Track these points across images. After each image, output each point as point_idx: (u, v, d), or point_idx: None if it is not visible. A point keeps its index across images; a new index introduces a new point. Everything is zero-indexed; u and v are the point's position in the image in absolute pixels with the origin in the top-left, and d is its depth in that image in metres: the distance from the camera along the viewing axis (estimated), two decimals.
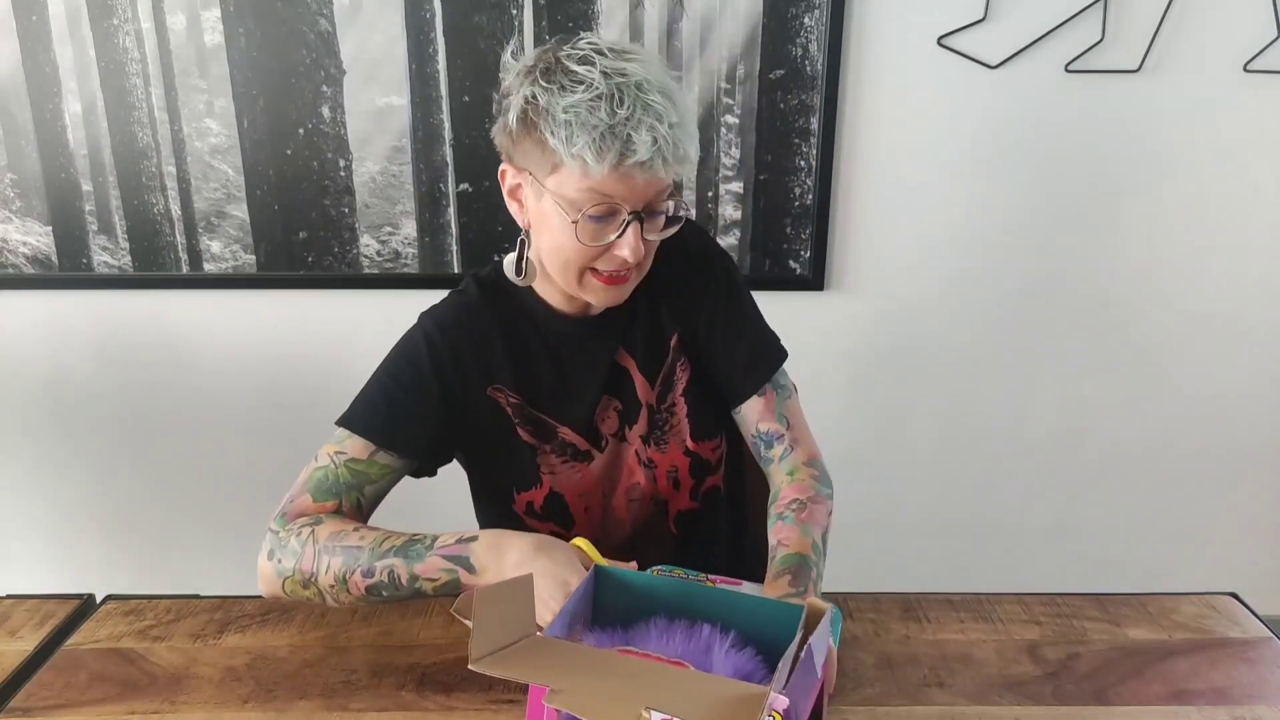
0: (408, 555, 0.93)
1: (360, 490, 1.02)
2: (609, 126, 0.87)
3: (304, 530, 0.97)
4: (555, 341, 1.08)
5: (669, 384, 1.10)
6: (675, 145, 0.89)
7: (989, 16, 1.70)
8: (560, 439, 1.09)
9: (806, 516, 1.02)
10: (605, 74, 0.88)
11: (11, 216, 1.77)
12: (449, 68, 1.70)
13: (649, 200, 0.93)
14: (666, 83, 0.91)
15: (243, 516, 2.02)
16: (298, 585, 0.95)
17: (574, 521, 1.12)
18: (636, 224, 0.92)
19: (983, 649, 1.01)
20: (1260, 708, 0.92)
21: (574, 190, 0.91)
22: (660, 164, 0.88)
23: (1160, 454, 2.02)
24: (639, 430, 1.11)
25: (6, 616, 1.07)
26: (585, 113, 0.87)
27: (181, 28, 1.67)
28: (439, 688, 0.94)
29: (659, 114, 0.88)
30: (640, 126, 0.87)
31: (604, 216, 0.92)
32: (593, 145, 0.87)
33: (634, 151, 0.87)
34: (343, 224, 1.79)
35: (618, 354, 1.09)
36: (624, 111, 0.87)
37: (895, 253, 1.85)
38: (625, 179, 0.89)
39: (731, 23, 1.69)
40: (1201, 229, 1.85)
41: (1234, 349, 1.94)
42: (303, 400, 1.92)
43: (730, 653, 0.77)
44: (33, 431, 1.95)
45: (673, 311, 1.10)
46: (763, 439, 1.11)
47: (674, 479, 1.13)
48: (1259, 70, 1.73)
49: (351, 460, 1.02)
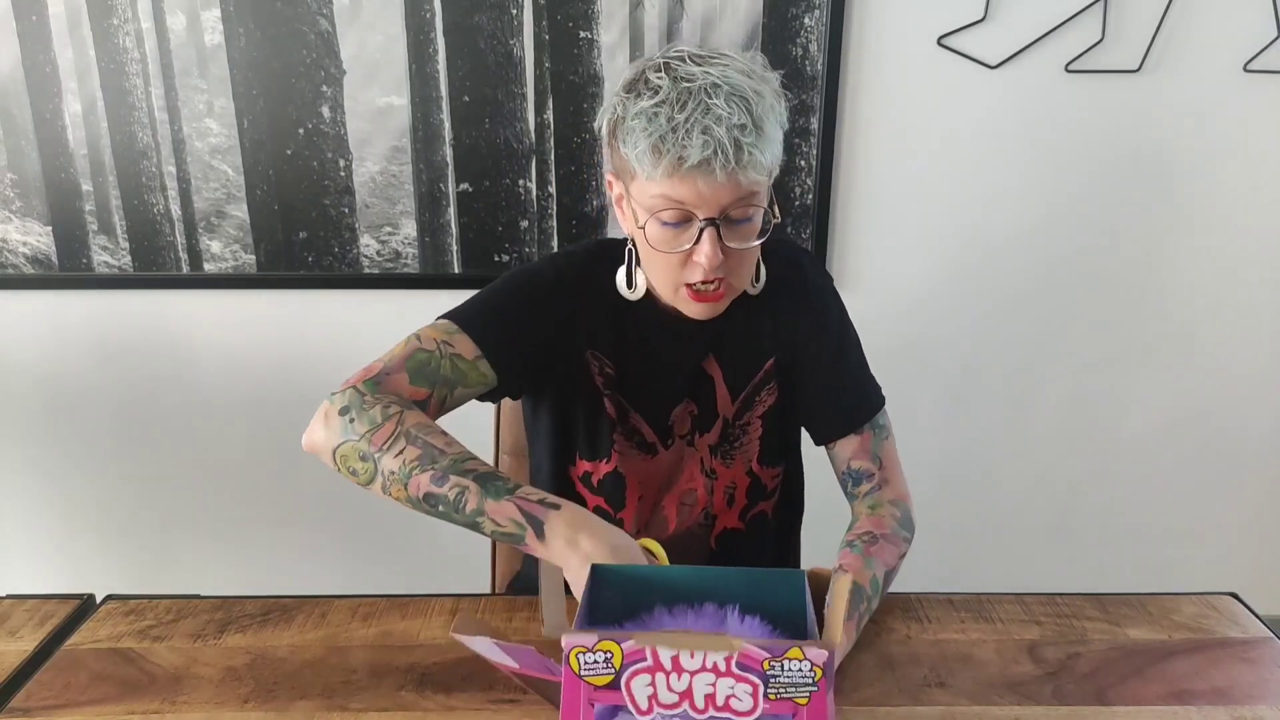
0: (485, 486, 0.89)
1: (451, 389, 0.98)
2: (667, 130, 0.88)
3: (392, 406, 0.92)
4: (651, 332, 1.08)
5: (750, 403, 1.11)
6: (738, 149, 0.87)
7: (989, 16, 1.70)
8: (631, 424, 1.09)
9: (875, 550, 1.03)
10: (675, 79, 0.89)
11: (11, 216, 1.77)
12: (449, 68, 1.70)
13: (724, 207, 0.91)
14: (743, 87, 0.89)
15: (243, 516, 2.03)
16: (354, 455, 0.91)
17: (624, 506, 1.11)
18: (712, 230, 0.92)
19: (983, 649, 1.01)
20: (1260, 708, 0.92)
21: (648, 196, 0.92)
22: (719, 167, 0.87)
23: (1160, 454, 2.02)
24: (709, 439, 1.11)
25: (6, 616, 1.07)
26: (647, 119, 0.89)
27: (181, 28, 1.67)
28: (439, 688, 0.94)
29: (720, 117, 0.87)
30: (694, 129, 0.87)
31: (678, 223, 0.93)
32: (650, 150, 0.88)
33: (687, 155, 0.87)
34: (343, 224, 1.79)
35: (706, 360, 1.09)
36: (682, 115, 0.87)
37: (895, 252, 1.85)
38: (688, 184, 0.89)
39: (731, 23, 1.69)
40: (1201, 229, 1.85)
41: (1234, 349, 1.94)
42: (303, 400, 1.91)
43: (745, 621, 0.79)
44: (33, 431, 1.95)
45: (778, 336, 1.10)
46: (852, 476, 1.12)
47: (730, 495, 1.13)
48: (1259, 70, 1.73)
49: (458, 356, 0.98)
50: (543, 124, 1.74)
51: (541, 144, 1.75)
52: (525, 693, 0.92)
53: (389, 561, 2.05)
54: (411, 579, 2.00)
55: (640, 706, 0.68)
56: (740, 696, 0.67)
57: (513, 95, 1.72)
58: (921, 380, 1.94)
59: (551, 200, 1.78)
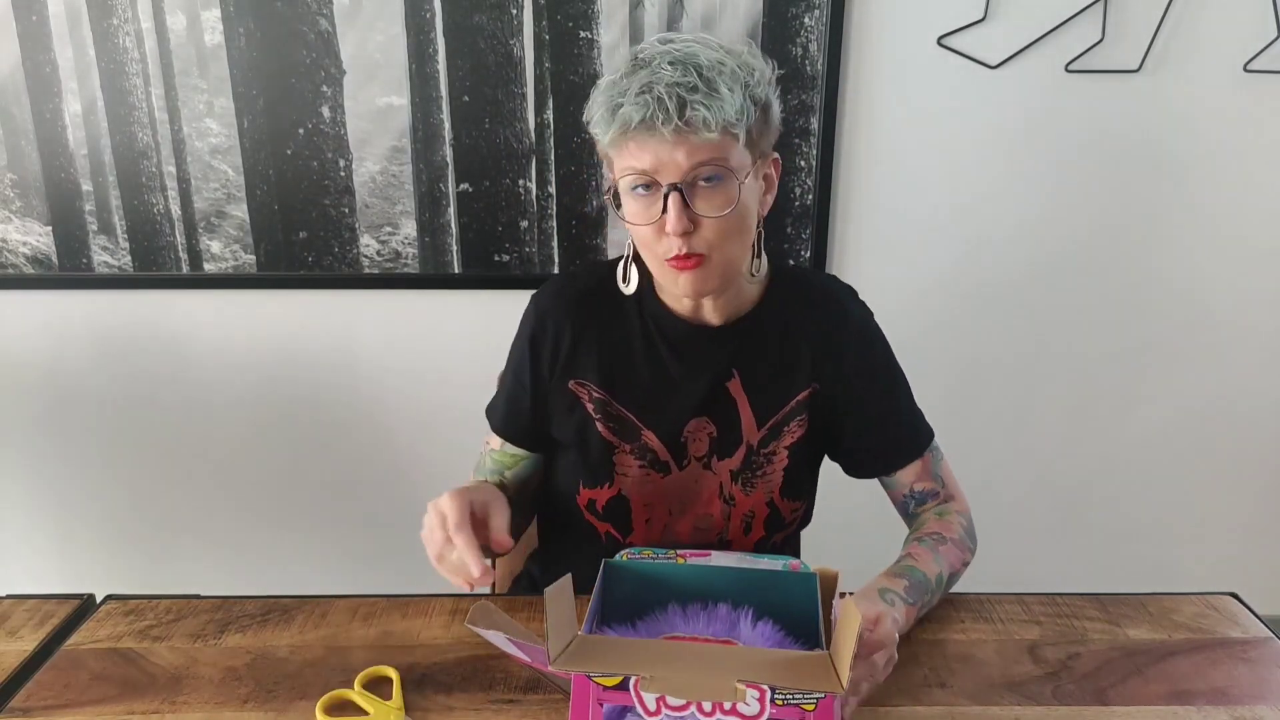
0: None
1: (501, 474, 1.14)
2: (615, 96, 0.89)
3: None
4: (660, 344, 1.07)
5: (777, 432, 1.09)
6: (680, 104, 0.87)
7: (989, 16, 1.70)
8: (643, 441, 1.08)
9: (945, 550, 1.05)
10: (636, 56, 0.91)
11: (11, 216, 1.77)
12: (449, 68, 1.70)
13: (684, 170, 0.91)
14: (695, 53, 0.90)
15: (243, 516, 2.03)
16: None
17: (632, 529, 1.11)
18: (676, 196, 0.91)
19: (983, 649, 1.01)
20: (1260, 708, 0.92)
21: (618, 170, 0.94)
22: (660, 123, 0.87)
23: (1160, 454, 2.02)
24: (730, 464, 1.09)
25: (6, 616, 1.07)
26: (603, 92, 0.91)
27: (181, 28, 1.67)
28: (439, 688, 0.94)
29: (661, 78, 0.88)
30: (632, 91, 0.88)
31: (646, 189, 0.93)
32: (603, 120, 0.91)
33: (631, 116, 0.88)
34: (343, 224, 1.79)
35: (730, 382, 1.08)
36: (627, 82, 0.89)
37: (895, 252, 1.85)
38: (644, 148, 0.90)
39: (731, 23, 1.69)
40: (1201, 229, 1.85)
41: (1233, 349, 1.94)
42: (303, 400, 1.93)
43: (758, 627, 0.79)
44: (33, 431, 1.95)
45: (818, 369, 1.09)
46: (916, 497, 1.13)
47: (748, 524, 1.11)
48: (1259, 70, 1.73)
49: (493, 451, 1.15)
50: (543, 124, 1.74)
51: (541, 144, 1.75)
52: (525, 693, 0.92)
53: (389, 561, 2.04)
54: (411, 579, 2.00)
55: (649, 708, 0.69)
56: (748, 701, 0.67)
57: (513, 95, 1.72)
58: (921, 380, 1.91)
59: (551, 200, 1.78)
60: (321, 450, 1.97)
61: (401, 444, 1.95)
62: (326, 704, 0.91)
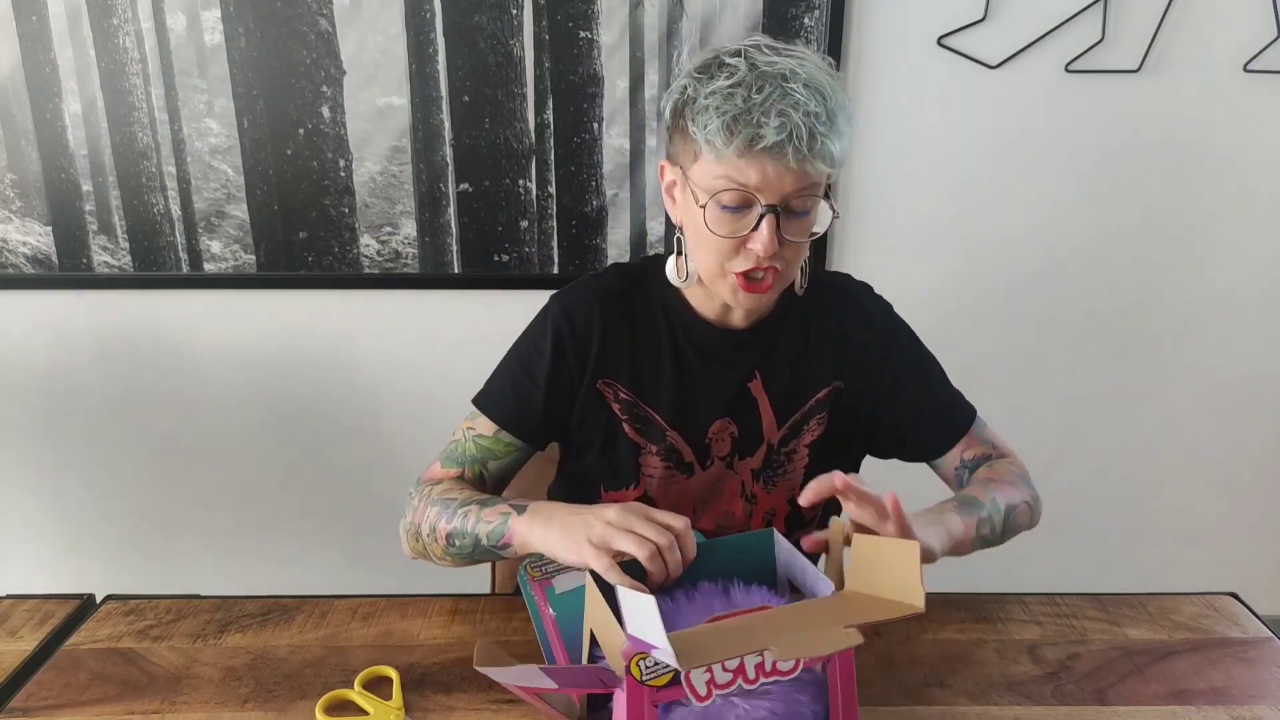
0: (483, 504, 0.99)
1: (484, 464, 1.09)
2: (743, 110, 0.88)
3: (426, 489, 1.06)
4: (686, 347, 1.07)
5: (797, 430, 1.10)
6: (811, 136, 0.87)
7: (989, 16, 1.70)
8: (669, 443, 1.08)
9: (996, 486, 1.06)
10: (752, 65, 0.89)
11: (11, 216, 1.77)
12: (449, 68, 1.70)
13: (786, 195, 0.91)
14: (820, 79, 0.90)
15: (243, 516, 2.03)
16: (413, 538, 1.05)
17: None
18: (772, 218, 0.91)
19: (983, 649, 1.01)
20: (1260, 708, 0.92)
21: (711, 177, 0.92)
22: (791, 151, 0.87)
23: (1160, 454, 2.02)
24: (752, 464, 1.10)
25: (6, 616, 1.07)
26: (722, 98, 0.89)
27: (181, 28, 1.67)
28: (439, 688, 0.94)
29: (796, 102, 0.87)
30: (771, 111, 0.87)
31: (738, 207, 0.92)
32: (724, 128, 0.88)
33: (763, 135, 0.87)
34: (343, 224, 1.79)
35: (752, 382, 1.08)
36: (759, 97, 0.87)
37: (895, 252, 1.85)
38: (757, 166, 0.89)
39: (731, 23, 1.69)
40: (1201, 229, 1.85)
41: (1233, 349, 1.94)
42: (303, 400, 1.93)
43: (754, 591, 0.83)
44: (33, 431, 1.95)
45: (839, 368, 1.09)
46: (969, 466, 1.13)
47: (769, 521, 1.12)
48: (1259, 70, 1.73)
49: (480, 436, 1.09)
50: (543, 124, 1.74)
51: (541, 144, 1.75)
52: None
53: (389, 561, 2.04)
54: (411, 579, 2.00)
55: (700, 694, 0.73)
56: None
57: (513, 95, 1.72)
58: None
59: (551, 200, 1.78)
60: (321, 450, 1.97)
61: (401, 444, 1.94)
62: (326, 704, 0.91)
